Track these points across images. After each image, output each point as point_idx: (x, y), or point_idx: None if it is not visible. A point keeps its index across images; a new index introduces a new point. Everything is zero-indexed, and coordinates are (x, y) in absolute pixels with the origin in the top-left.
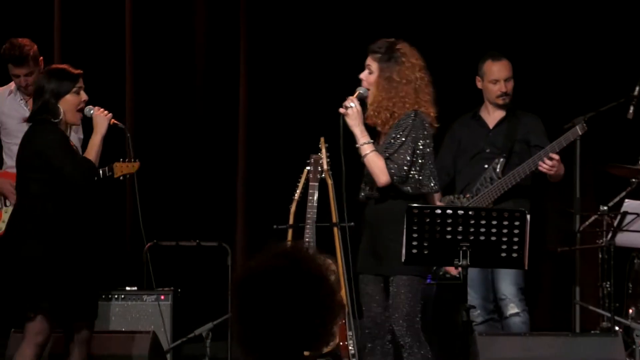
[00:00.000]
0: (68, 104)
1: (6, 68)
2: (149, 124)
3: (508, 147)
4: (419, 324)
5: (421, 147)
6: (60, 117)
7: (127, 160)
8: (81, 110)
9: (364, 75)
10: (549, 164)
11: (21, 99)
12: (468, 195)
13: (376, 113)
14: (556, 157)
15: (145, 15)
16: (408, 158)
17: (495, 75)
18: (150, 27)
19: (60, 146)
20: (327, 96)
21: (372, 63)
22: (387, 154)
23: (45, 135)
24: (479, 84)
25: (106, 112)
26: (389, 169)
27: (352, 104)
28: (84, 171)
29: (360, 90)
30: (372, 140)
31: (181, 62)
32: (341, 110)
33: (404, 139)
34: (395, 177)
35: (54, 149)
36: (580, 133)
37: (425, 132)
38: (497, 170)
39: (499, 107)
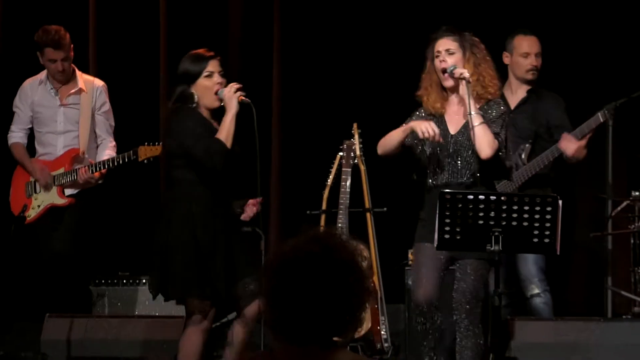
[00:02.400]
0: (200, 88)
1: (34, 58)
2: None
3: (532, 131)
4: (479, 311)
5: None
6: (195, 102)
7: (150, 143)
8: (217, 93)
9: (445, 57)
10: (571, 147)
11: (52, 88)
12: None
13: (478, 82)
14: (579, 142)
15: (180, 7)
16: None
17: (527, 49)
18: (184, 18)
19: (193, 132)
20: (360, 82)
21: (450, 45)
22: (497, 130)
23: (180, 122)
24: (507, 60)
25: (235, 88)
26: (499, 148)
27: (466, 72)
28: (211, 153)
29: (451, 69)
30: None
31: (215, 51)
32: (466, 75)
33: (503, 122)
34: (500, 152)
35: (186, 135)
36: (602, 120)
37: None
38: (523, 157)
39: (527, 82)
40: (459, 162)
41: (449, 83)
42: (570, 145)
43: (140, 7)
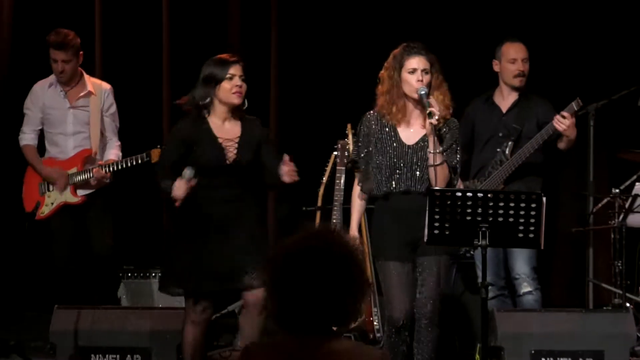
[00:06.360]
0: (223, 91)
1: (47, 59)
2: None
3: (518, 130)
4: (439, 305)
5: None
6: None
7: (163, 146)
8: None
9: (422, 76)
10: (565, 123)
11: (61, 90)
12: (473, 181)
13: (443, 111)
14: (567, 114)
15: (182, 14)
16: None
17: (513, 55)
18: (185, 25)
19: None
20: (354, 84)
21: (426, 64)
22: (454, 162)
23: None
24: (497, 67)
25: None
26: (451, 179)
27: (437, 111)
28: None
29: (423, 92)
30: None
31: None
32: (433, 121)
33: (458, 147)
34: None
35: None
36: (575, 109)
37: None
38: (507, 152)
39: (515, 89)
40: (418, 172)
41: (417, 97)
42: (564, 121)
43: (144, 14)
